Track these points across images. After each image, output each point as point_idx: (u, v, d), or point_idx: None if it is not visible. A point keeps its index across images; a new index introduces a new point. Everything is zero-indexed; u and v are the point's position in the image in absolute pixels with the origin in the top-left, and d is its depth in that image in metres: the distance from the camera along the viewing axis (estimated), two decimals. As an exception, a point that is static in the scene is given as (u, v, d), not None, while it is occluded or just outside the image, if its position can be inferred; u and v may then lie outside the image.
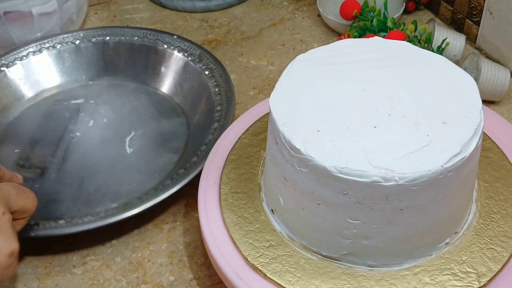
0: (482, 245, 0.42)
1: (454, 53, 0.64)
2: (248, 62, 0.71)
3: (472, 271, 0.40)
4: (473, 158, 0.39)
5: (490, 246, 0.41)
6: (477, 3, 0.66)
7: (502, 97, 0.61)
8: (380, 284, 0.40)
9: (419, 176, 0.36)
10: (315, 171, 0.38)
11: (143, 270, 0.49)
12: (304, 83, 0.43)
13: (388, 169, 0.36)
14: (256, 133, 0.52)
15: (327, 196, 0.39)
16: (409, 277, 0.40)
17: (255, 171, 0.49)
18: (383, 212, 0.38)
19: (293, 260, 0.42)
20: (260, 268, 0.41)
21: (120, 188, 0.56)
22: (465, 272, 0.40)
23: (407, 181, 0.36)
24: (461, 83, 0.42)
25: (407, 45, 0.45)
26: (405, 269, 0.41)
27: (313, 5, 0.79)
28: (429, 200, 0.38)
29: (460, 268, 0.40)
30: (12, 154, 0.60)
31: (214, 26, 0.78)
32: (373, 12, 0.67)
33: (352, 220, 0.39)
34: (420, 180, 0.36)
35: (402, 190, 0.37)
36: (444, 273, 0.40)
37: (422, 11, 0.77)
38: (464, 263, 0.41)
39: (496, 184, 0.45)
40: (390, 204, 0.38)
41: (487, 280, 0.39)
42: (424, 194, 0.37)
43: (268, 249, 0.43)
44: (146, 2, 0.83)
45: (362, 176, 0.37)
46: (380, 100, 0.41)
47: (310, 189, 0.39)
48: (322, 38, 0.74)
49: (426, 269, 0.41)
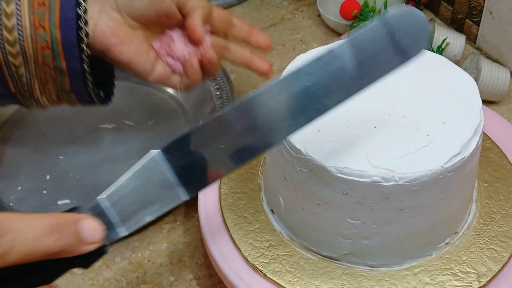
0: (482, 245, 0.42)
1: (454, 53, 0.64)
2: None
3: (472, 271, 0.40)
4: (473, 158, 0.39)
5: (490, 246, 0.41)
6: (477, 3, 0.66)
7: (502, 97, 0.61)
8: (380, 284, 0.40)
9: (419, 176, 0.36)
10: (315, 171, 0.38)
11: (143, 270, 0.49)
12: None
13: (388, 169, 0.37)
14: None
15: (327, 196, 0.39)
16: (409, 277, 0.40)
17: (255, 171, 0.49)
18: (383, 212, 0.38)
19: (293, 260, 0.42)
20: (260, 268, 0.41)
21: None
22: (465, 272, 0.40)
23: (407, 181, 0.36)
24: (461, 83, 0.42)
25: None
26: (405, 269, 0.41)
27: (313, 5, 0.78)
28: (429, 200, 0.38)
29: (460, 268, 0.40)
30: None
31: None
32: (373, 12, 0.68)
33: (352, 220, 0.39)
34: (420, 180, 0.36)
35: (402, 190, 0.37)
36: (444, 273, 0.40)
37: (422, 11, 0.76)
38: (464, 263, 0.41)
39: (496, 184, 0.45)
40: (390, 204, 0.38)
41: (487, 280, 0.39)
42: (424, 194, 0.37)
43: (268, 249, 0.43)
44: (146, 2, 0.84)
45: (362, 176, 0.37)
46: (380, 100, 0.41)
47: (310, 189, 0.39)
48: (322, 38, 0.74)
49: (426, 269, 0.41)
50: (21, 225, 0.26)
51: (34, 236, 0.26)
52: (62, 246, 0.27)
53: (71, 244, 0.28)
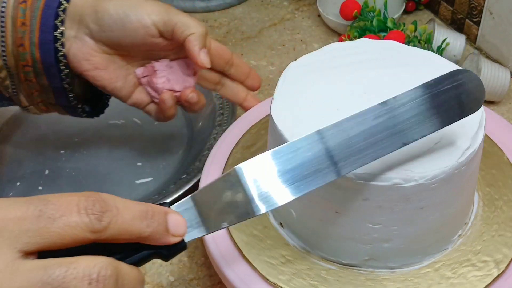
0: (493, 233, 0.43)
1: (454, 53, 0.64)
2: (248, 62, 0.70)
3: (489, 259, 0.41)
4: (479, 150, 0.40)
5: (500, 232, 0.42)
6: (477, 3, 0.66)
7: (502, 97, 0.62)
8: (406, 284, 0.40)
9: (438, 173, 0.37)
10: (334, 180, 0.37)
11: (143, 270, 0.47)
12: (304, 90, 0.42)
13: (407, 169, 0.37)
14: (248, 146, 0.50)
15: (347, 204, 0.38)
16: (431, 274, 0.41)
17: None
18: (403, 213, 0.38)
19: (313, 273, 0.41)
20: (283, 286, 0.40)
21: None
22: (483, 261, 0.41)
23: (427, 179, 0.37)
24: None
25: (397, 44, 0.45)
26: (426, 266, 0.41)
27: (313, 5, 0.79)
28: (446, 195, 0.38)
29: (477, 258, 0.41)
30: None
31: (214, 26, 0.78)
32: (373, 12, 0.68)
33: (373, 225, 0.39)
34: (438, 177, 0.37)
35: (421, 189, 0.37)
36: (464, 265, 0.41)
37: (422, 11, 0.77)
38: (480, 253, 0.41)
39: (492, 171, 0.47)
40: (410, 204, 0.38)
41: (505, 266, 0.40)
42: (441, 190, 0.38)
43: (285, 265, 0.42)
44: (146, 3, 0.82)
45: (383, 180, 0.36)
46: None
47: (328, 199, 0.39)
48: (322, 38, 0.74)
49: (445, 264, 0.41)
50: (121, 205, 0.28)
51: (131, 217, 0.28)
52: (151, 232, 0.29)
53: (159, 232, 0.29)
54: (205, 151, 0.56)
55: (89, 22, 0.47)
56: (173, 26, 0.47)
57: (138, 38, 0.48)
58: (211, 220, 0.31)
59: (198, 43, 0.47)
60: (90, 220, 0.27)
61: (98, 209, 0.27)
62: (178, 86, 0.50)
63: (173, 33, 0.48)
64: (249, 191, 0.31)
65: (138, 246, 0.29)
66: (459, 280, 0.40)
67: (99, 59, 0.48)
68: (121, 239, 0.28)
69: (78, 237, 0.26)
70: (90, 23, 0.47)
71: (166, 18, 0.47)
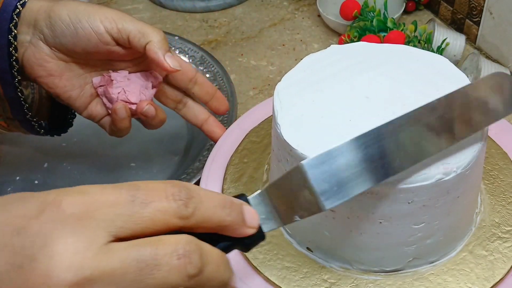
0: (503, 204, 0.44)
1: (454, 53, 0.64)
2: (248, 62, 0.70)
3: (510, 228, 0.42)
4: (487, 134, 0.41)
5: (508, 201, 0.44)
6: (477, 3, 0.66)
7: None
8: (451, 274, 0.40)
9: (471, 159, 0.37)
10: (376, 191, 0.36)
11: None
12: (306, 97, 0.41)
13: (444, 163, 0.37)
14: (248, 147, 0.48)
15: (391, 212, 0.37)
16: (468, 257, 0.41)
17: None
18: (444, 206, 0.38)
19: (362, 289, 0.40)
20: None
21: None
22: (506, 231, 0.42)
23: (463, 168, 0.37)
24: (451, 75, 0.42)
25: (395, 46, 0.45)
26: (461, 251, 0.42)
27: (313, 5, 0.77)
28: (476, 178, 0.40)
29: (500, 230, 0.43)
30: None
31: (214, 26, 0.77)
32: (373, 12, 0.67)
33: (417, 225, 0.38)
34: (471, 163, 0.37)
35: (459, 178, 0.37)
36: (492, 240, 0.42)
37: (422, 11, 0.77)
38: (501, 225, 0.43)
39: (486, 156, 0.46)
40: (450, 196, 0.38)
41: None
42: (473, 175, 0.39)
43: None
44: (146, 2, 0.82)
45: (426, 179, 0.36)
46: (385, 105, 0.40)
47: (370, 211, 0.38)
48: (322, 38, 0.73)
49: (476, 243, 0.42)
50: (203, 193, 0.28)
51: (213, 205, 0.28)
52: (231, 222, 0.29)
53: (238, 222, 0.29)
54: (205, 152, 0.55)
55: (43, 26, 0.45)
56: (127, 34, 0.45)
57: (91, 45, 0.46)
58: (284, 213, 0.32)
59: (160, 49, 0.46)
60: (178, 206, 0.27)
61: (184, 195, 0.27)
62: (134, 98, 0.48)
63: (130, 41, 0.46)
64: (314, 187, 0.31)
65: (217, 238, 0.29)
66: (495, 255, 0.41)
67: (53, 65, 0.46)
68: (204, 227, 0.28)
69: (169, 223, 0.27)
70: (44, 28, 0.45)
71: (120, 26, 0.45)
